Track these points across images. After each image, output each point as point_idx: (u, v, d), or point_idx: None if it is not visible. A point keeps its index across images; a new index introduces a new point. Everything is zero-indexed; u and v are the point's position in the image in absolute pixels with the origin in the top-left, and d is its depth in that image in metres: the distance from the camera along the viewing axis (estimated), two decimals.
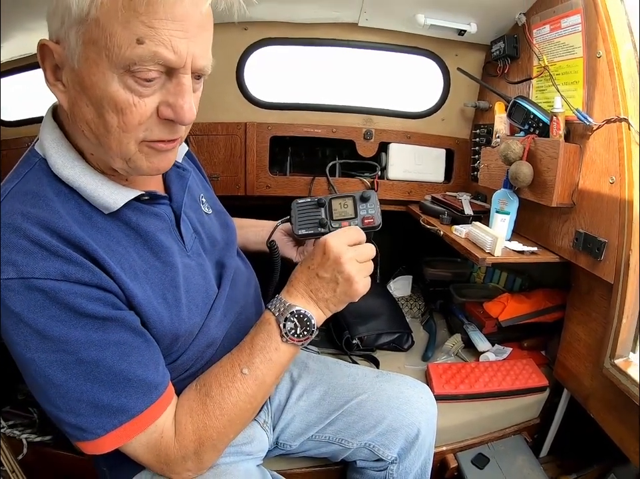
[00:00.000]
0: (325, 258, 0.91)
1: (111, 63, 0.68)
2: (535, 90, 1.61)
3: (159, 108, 0.74)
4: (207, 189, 1.21)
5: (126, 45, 0.66)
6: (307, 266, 0.94)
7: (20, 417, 1.57)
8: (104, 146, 0.76)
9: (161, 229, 0.90)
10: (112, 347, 0.76)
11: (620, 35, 1.21)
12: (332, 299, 0.93)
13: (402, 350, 1.88)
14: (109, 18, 0.66)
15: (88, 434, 0.77)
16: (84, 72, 0.70)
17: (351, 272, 0.90)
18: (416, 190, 2.12)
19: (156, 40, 0.67)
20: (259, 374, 0.89)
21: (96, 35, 0.67)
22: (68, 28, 0.69)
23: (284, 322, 0.90)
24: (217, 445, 0.89)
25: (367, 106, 2.09)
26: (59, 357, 0.72)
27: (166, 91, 0.73)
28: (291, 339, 0.90)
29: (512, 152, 1.46)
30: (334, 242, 0.91)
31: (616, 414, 1.28)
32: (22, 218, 0.72)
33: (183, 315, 0.89)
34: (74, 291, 0.72)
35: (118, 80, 0.69)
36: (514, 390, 1.61)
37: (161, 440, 0.82)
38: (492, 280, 2.18)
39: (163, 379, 0.84)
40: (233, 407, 0.87)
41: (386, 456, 1.23)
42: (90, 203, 0.80)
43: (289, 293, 0.94)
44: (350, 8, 1.77)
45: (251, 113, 2.02)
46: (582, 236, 1.34)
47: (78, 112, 0.75)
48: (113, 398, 0.76)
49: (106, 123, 0.72)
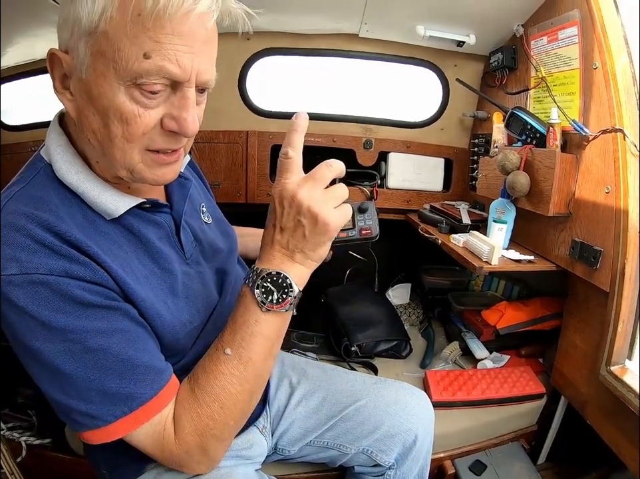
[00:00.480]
0: (281, 207, 0.79)
1: (118, 75, 0.70)
2: (532, 101, 1.63)
3: (163, 120, 0.76)
4: (209, 198, 1.22)
5: (133, 59, 0.68)
6: (271, 224, 0.82)
7: (20, 420, 1.58)
8: (109, 155, 0.77)
9: (161, 237, 0.91)
10: (118, 334, 0.76)
11: (616, 47, 1.23)
12: (306, 246, 0.80)
13: (400, 357, 1.89)
14: (117, 32, 0.68)
15: (99, 421, 0.77)
16: (92, 83, 0.72)
17: (312, 206, 0.77)
18: (415, 199, 2.14)
19: (162, 54, 0.69)
20: (243, 352, 0.82)
21: (104, 47, 0.69)
22: (78, 39, 0.71)
23: (257, 290, 0.80)
24: (217, 435, 0.84)
25: (367, 115, 2.11)
26: (66, 346, 0.73)
27: (170, 104, 0.75)
28: (270, 307, 0.81)
29: (509, 162, 1.48)
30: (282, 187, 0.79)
31: (613, 421, 1.28)
32: (27, 219, 0.73)
33: (184, 319, 0.90)
34: (76, 284, 0.73)
35: (125, 91, 0.71)
36: (512, 397, 1.62)
37: (164, 433, 0.82)
38: (490, 288, 2.19)
39: (168, 367, 0.85)
40: (221, 391, 0.82)
41: (384, 462, 1.23)
42: (94, 209, 0.82)
43: (260, 260, 0.83)
44: (351, 19, 1.80)
45: (253, 121, 2.05)
46: (578, 245, 1.35)
47: (85, 120, 0.76)
48: (122, 385, 0.76)
49: (110, 133, 0.74)
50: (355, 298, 2.06)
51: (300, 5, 1.71)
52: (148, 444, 0.82)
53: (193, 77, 0.74)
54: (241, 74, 1.97)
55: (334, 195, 0.80)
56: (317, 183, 0.79)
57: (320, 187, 0.79)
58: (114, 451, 0.84)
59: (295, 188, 0.78)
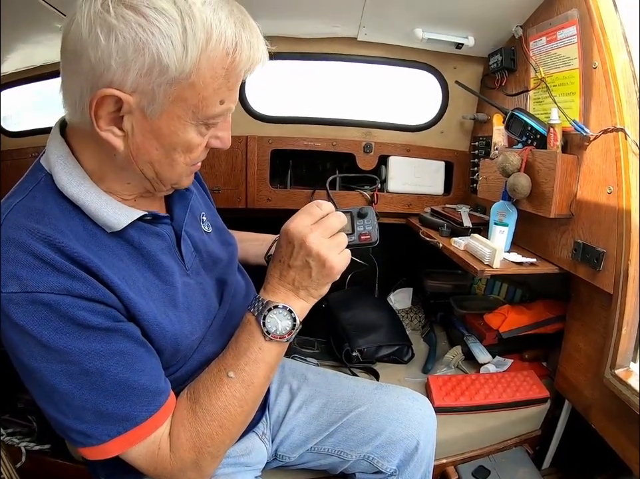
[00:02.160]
0: (290, 246, 0.87)
1: (194, 117, 0.77)
2: (532, 102, 1.62)
3: (209, 140, 0.85)
4: (210, 207, 1.21)
5: (212, 105, 0.77)
6: (277, 259, 0.90)
7: (20, 425, 1.58)
8: (163, 178, 0.85)
9: (162, 249, 0.91)
10: (116, 357, 0.77)
11: (615, 45, 1.22)
12: (311, 285, 0.89)
13: (402, 362, 1.87)
14: (205, 84, 0.74)
15: (93, 440, 0.77)
16: (164, 123, 0.76)
17: (320, 251, 0.85)
18: (415, 203, 2.13)
19: (230, 98, 0.80)
20: (245, 376, 0.87)
21: (187, 95, 0.74)
22: (156, 85, 0.71)
23: (263, 321, 0.87)
24: (213, 452, 0.86)
25: (367, 119, 2.11)
26: (64, 368, 0.73)
27: (216, 127, 0.84)
28: (274, 337, 0.87)
29: (510, 164, 1.47)
30: (294, 226, 0.87)
31: (617, 424, 1.27)
32: (28, 234, 0.72)
33: (186, 330, 0.90)
34: (77, 304, 0.73)
35: (195, 128, 0.79)
36: (515, 401, 1.60)
37: (158, 451, 0.82)
38: (493, 292, 2.18)
39: (166, 388, 0.85)
40: (222, 411, 0.85)
41: (385, 468, 1.21)
42: (95, 222, 0.81)
43: (265, 291, 0.91)
44: (350, 23, 1.80)
45: (253, 126, 2.05)
46: (581, 246, 1.34)
47: (144, 155, 0.79)
48: (117, 407, 0.77)
49: (173, 162, 0.82)
50: (356, 303, 2.05)
51: (298, 10, 1.72)
52: (141, 462, 0.83)
53: None
54: None
55: (339, 242, 0.89)
56: (327, 231, 0.87)
57: (329, 234, 0.88)
58: (113, 459, 0.83)
59: (307, 232, 0.85)
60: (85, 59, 0.69)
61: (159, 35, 0.67)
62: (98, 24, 0.67)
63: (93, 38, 0.68)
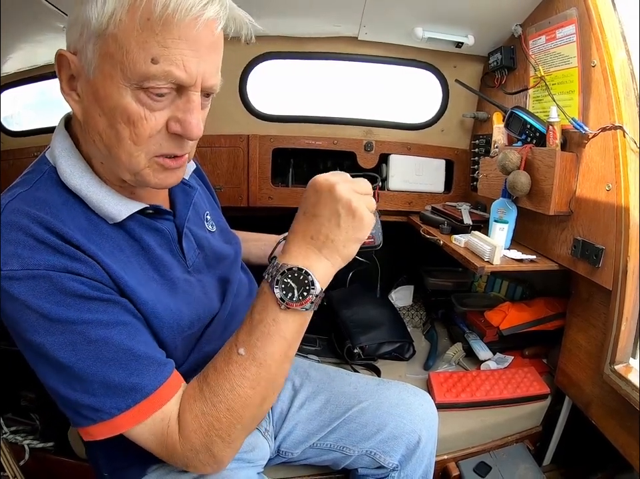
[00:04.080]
0: (319, 194, 0.79)
1: (125, 77, 0.71)
2: (532, 100, 1.63)
3: (168, 123, 0.77)
4: (214, 207, 1.22)
5: (140, 63, 0.70)
6: (301, 212, 0.82)
7: (23, 423, 1.58)
8: (114, 156, 0.78)
9: (161, 244, 0.92)
10: (119, 326, 0.77)
11: (613, 44, 1.23)
12: (338, 237, 0.78)
13: (403, 359, 1.88)
14: (126, 36, 0.70)
15: (103, 414, 0.76)
16: (99, 84, 0.73)
17: (351, 198, 0.77)
18: (416, 201, 2.14)
19: (169, 59, 0.71)
20: (258, 353, 0.79)
21: (112, 50, 0.71)
22: (86, 41, 0.72)
23: (276, 286, 0.78)
24: (223, 436, 0.80)
25: (367, 118, 2.12)
26: (68, 338, 0.73)
27: (176, 107, 0.77)
28: (289, 304, 0.78)
29: (510, 162, 1.47)
30: (324, 178, 0.80)
31: (617, 420, 1.27)
32: (29, 218, 0.74)
33: (184, 324, 0.90)
34: (77, 280, 0.74)
35: (131, 93, 0.73)
36: (516, 398, 1.61)
37: (167, 430, 0.80)
38: (493, 289, 2.18)
39: (169, 361, 0.84)
40: (229, 393, 0.79)
41: (387, 464, 1.22)
42: (97, 212, 0.82)
43: (284, 252, 0.81)
44: (350, 22, 1.81)
45: (254, 125, 2.06)
46: (580, 243, 1.35)
47: (91, 121, 0.77)
48: (125, 377, 0.76)
49: (118, 134, 0.75)
50: (358, 300, 2.05)
51: (299, 9, 1.73)
52: (151, 441, 0.81)
53: (199, 81, 0.76)
54: (241, 78, 1.98)
55: (369, 201, 0.81)
56: (356, 186, 0.80)
57: (359, 190, 0.80)
58: (116, 453, 0.84)
59: (336, 180, 0.78)
60: None
61: None
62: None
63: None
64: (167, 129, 0.78)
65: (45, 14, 1.49)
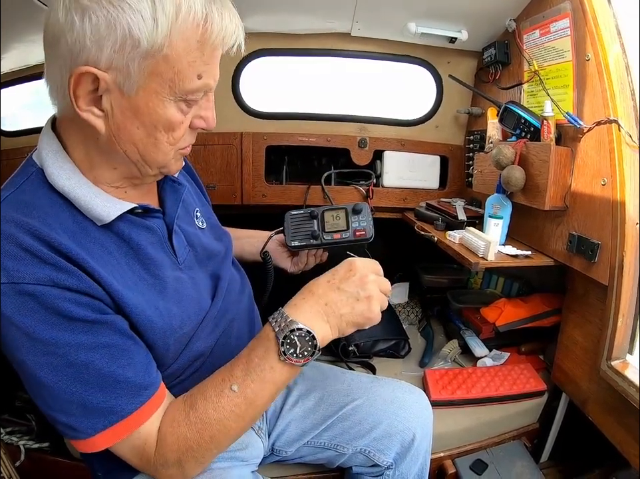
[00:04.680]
0: (351, 274, 0.90)
1: (172, 93, 0.77)
2: (526, 95, 1.62)
3: (192, 120, 0.85)
4: (204, 203, 1.22)
5: (189, 80, 0.77)
6: (326, 279, 0.91)
7: (18, 424, 1.57)
8: (148, 159, 0.84)
9: (153, 243, 0.91)
10: (101, 350, 0.77)
11: (608, 37, 1.22)
12: (347, 316, 0.88)
13: (399, 356, 1.88)
14: (179, 57, 0.74)
15: (80, 433, 0.78)
16: (141, 100, 0.76)
17: (373, 292, 0.88)
18: (411, 197, 2.13)
19: (208, 73, 0.80)
20: (249, 393, 0.84)
21: (162, 69, 0.74)
22: (130, 59, 0.72)
23: (282, 340, 0.83)
24: (199, 458, 0.86)
25: (361, 114, 2.10)
26: (49, 360, 0.74)
27: (199, 107, 0.85)
28: (289, 359, 0.83)
29: (504, 157, 1.46)
30: (363, 263, 0.92)
31: (614, 416, 1.27)
32: (15, 226, 0.73)
33: (175, 324, 0.90)
34: (63, 296, 0.73)
35: (175, 105, 0.79)
36: (512, 395, 1.60)
37: (144, 447, 0.83)
38: (489, 286, 2.18)
39: (155, 381, 0.85)
40: (216, 424, 0.83)
41: (382, 462, 1.22)
42: (85, 215, 0.82)
43: (296, 307, 0.88)
44: (343, 18, 1.79)
45: (247, 123, 2.05)
46: (575, 238, 1.34)
47: (125, 134, 0.79)
48: (102, 400, 0.77)
49: (156, 141, 0.81)
50: None
51: (291, 5, 1.71)
52: (130, 456, 0.85)
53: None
54: (234, 76, 1.97)
55: (384, 298, 0.92)
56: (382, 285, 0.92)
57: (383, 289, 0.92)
58: (108, 454, 0.84)
59: (369, 272, 0.91)
60: (63, 42, 0.71)
61: (129, 10, 0.69)
62: (73, 7, 0.69)
63: (69, 21, 0.70)
64: (191, 125, 0.86)
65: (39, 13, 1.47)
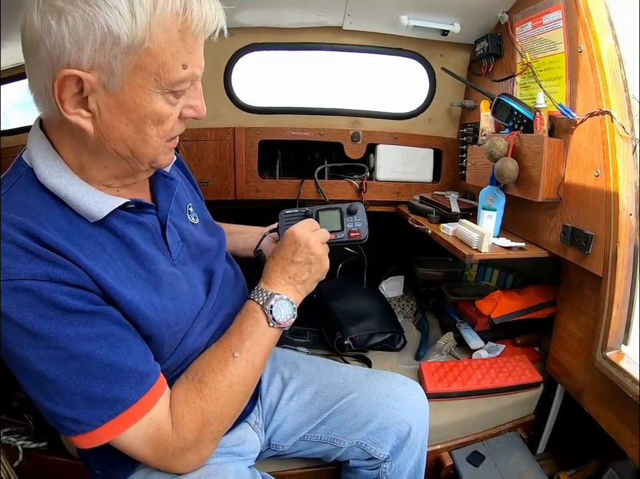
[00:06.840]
0: (296, 245, 1.05)
1: (158, 85, 0.77)
2: (519, 87, 1.62)
3: (182, 110, 0.85)
4: (197, 198, 1.22)
5: (174, 70, 0.76)
6: (280, 257, 1.06)
7: (16, 424, 1.56)
8: (140, 156, 0.84)
9: (146, 238, 0.91)
10: (101, 340, 0.77)
11: (600, 29, 1.22)
12: (308, 279, 1.06)
13: (394, 350, 1.88)
14: (161, 49, 0.74)
15: (86, 426, 0.78)
16: (127, 96, 0.76)
17: (318, 251, 1.05)
18: (405, 191, 2.13)
19: (193, 62, 0.79)
20: (250, 356, 0.96)
21: (145, 62, 0.74)
22: (112, 57, 0.71)
23: (270, 309, 0.99)
24: (214, 433, 0.92)
25: (354, 108, 2.10)
26: (51, 353, 0.74)
27: (187, 96, 0.84)
28: (277, 323, 1.00)
29: (497, 149, 1.46)
30: (300, 229, 1.06)
31: (610, 407, 1.27)
32: (8, 225, 0.73)
33: (170, 319, 0.89)
34: (59, 289, 0.73)
35: (162, 98, 0.79)
36: (508, 386, 1.61)
37: (158, 432, 0.84)
38: (484, 278, 2.18)
39: (155, 369, 0.86)
40: (227, 389, 0.91)
41: (378, 455, 1.22)
42: (77, 212, 0.81)
43: (267, 283, 1.04)
44: (334, 12, 1.79)
45: (240, 118, 2.03)
46: (569, 230, 1.34)
47: (114, 133, 0.79)
48: (106, 390, 0.78)
49: (145, 136, 0.81)
50: (347, 292, 2.05)
51: None
52: (138, 445, 0.84)
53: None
54: (226, 71, 1.95)
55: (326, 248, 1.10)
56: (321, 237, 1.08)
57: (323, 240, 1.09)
58: (106, 451, 0.84)
59: (310, 235, 1.06)
60: (42, 48, 0.70)
61: (105, 7, 0.68)
62: (48, 11, 0.68)
63: (45, 25, 0.69)
64: (180, 116, 0.85)
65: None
